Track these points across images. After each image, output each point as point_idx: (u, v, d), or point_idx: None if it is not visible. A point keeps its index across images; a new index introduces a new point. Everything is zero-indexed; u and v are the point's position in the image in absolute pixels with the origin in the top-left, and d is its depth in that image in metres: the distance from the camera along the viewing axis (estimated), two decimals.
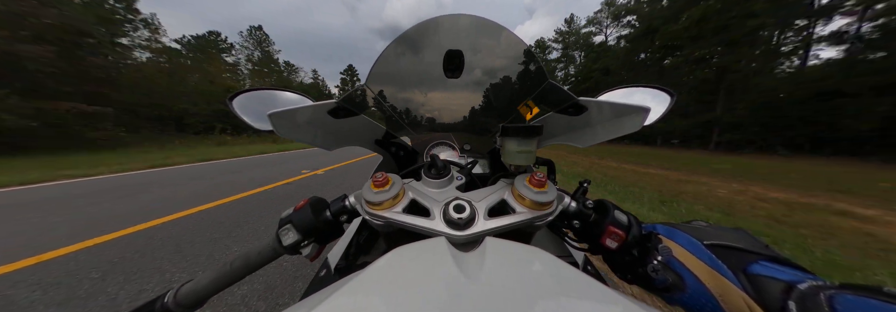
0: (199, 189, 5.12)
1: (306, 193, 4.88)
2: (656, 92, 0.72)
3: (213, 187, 5.33)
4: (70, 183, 5.78)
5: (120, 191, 5.01)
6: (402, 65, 0.60)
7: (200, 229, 3.10)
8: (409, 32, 0.55)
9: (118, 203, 4.18)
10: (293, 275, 2.15)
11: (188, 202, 4.15)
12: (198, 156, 11.19)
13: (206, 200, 4.28)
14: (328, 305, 0.23)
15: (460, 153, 0.84)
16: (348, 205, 0.52)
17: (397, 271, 0.29)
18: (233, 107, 0.67)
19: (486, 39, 0.58)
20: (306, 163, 9.40)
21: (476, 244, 0.38)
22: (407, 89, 0.67)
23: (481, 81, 0.65)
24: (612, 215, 0.47)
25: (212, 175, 6.79)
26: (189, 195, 4.68)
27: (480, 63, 0.61)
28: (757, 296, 0.32)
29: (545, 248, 0.34)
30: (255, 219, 3.45)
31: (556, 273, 0.29)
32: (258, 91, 0.73)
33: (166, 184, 5.67)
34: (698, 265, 0.38)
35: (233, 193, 4.76)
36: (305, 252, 0.50)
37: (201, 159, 10.39)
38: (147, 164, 8.51)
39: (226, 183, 5.72)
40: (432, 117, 0.75)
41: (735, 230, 0.43)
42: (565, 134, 0.66)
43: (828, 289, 0.28)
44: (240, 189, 5.04)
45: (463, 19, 0.54)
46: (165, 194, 4.77)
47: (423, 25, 0.55)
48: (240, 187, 5.28)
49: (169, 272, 2.20)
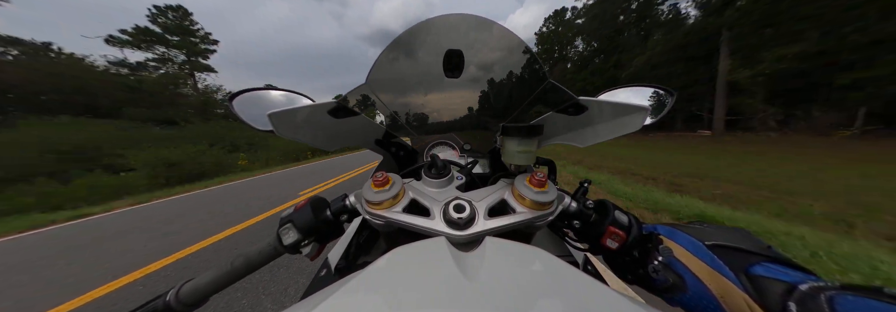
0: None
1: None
2: (657, 91, 0.72)
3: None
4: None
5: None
6: (401, 65, 0.60)
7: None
8: (407, 33, 0.55)
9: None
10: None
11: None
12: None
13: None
14: (328, 305, 0.23)
15: (460, 153, 0.84)
16: (348, 204, 0.52)
17: (397, 271, 0.29)
18: (233, 107, 0.67)
19: (486, 39, 0.58)
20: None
21: (476, 243, 0.38)
22: (407, 89, 0.67)
23: (481, 81, 0.65)
24: (612, 215, 0.47)
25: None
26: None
27: (480, 63, 0.61)
28: (758, 297, 0.32)
29: (545, 248, 0.34)
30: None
31: (557, 273, 0.29)
32: (258, 91, 0.73)
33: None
34: (699, 266, 0.38)
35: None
36: (306, 252, 0.50)
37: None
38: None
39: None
40: (432, 117, 0.75)
41: (736, 230, 0.43)
42: (565, 134, 0.66)
43: (829, 290, 0.28)
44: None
45: (462, 19, 0.54)
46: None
47: (423, 25, 0.55)
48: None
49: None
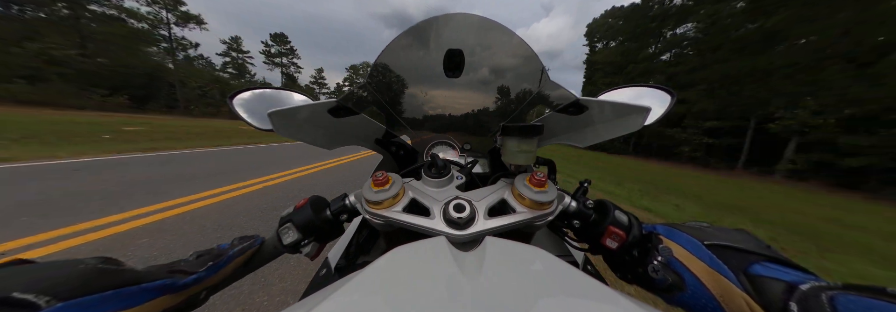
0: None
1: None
2: (657, 92, 0.72)
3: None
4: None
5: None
6: (402, 64, 0.60)
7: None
8: (408, 32, 0.55)
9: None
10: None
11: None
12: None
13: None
14: (328, 304, 0.23)
15: (460, 153, 0.84)
16: (348, 204, 0.52)
17: (397, 270, 0.29)
18: (233, 106, 0.67)
19: (487, 38, 0.58)
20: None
21: (476, 243, 0.38)
22: (407, 89, 0.67)
23: (482, 81, 0.65)
24: (612, 215, 0.47)
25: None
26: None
27: (481, 62, 0.61)
28: (758, 297, 0.32)
29: (545, 248, 0.34)
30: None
31: (556, 272, 0.29)
32: (258, 90, 0.73)
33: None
34: (699, 266, 0.38)
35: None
36: (305, 251, 0.50)
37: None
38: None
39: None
40: (432, 117, 0.75)
41: (736, 230, 0.43)
42: (566, 134, 0.66)
43: (830, 290, 0.28)
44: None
45: (463, 18, 0.54)
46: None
47: (423, 25, 0.54)
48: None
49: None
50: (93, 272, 0.29)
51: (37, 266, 0.28)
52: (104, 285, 0.28)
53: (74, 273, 0.28)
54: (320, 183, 5.16)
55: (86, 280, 0.28)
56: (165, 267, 0.38)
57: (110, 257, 0.34)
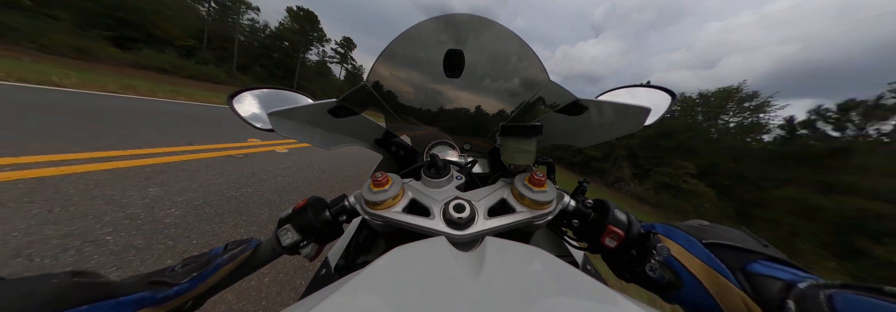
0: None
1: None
2: (656, 92, 0.72)
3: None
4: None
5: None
6: (402, 65, 0.60)
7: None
8: (409, 32, 0.55)
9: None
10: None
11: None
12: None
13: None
14: (328, 304, 0.23)
15: (460, 153, 0.84)
16: (348, 205, 0.52)
17: (397, 270, 0.29)
18: (233, 106, 0.67)
19: (487, 39, 0.58)
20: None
21: (476, 243, 0.38)
22: (407, 89, 0.67)
23: (481, 81, 0.65)
24: (611, 214, 0.47)
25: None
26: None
27: (481, 62, 0.61)
28: (755, 295, 0.32)
29: (545, 247, 0.34)
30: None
31: (556, 272, 0.29)
32: (258, 90, 0.73)
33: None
34: (696, 264, 0.38)
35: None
36: (305, 252, 0.50)
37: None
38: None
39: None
40: (432, 117, 0.75)
41: (734, 229, 0.43)
42: (565, 134, 0.66)
43: (828, 288, 0.28)
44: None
45: (464, 19, 0.54)
46: None
47: (424, 25, 0.55)
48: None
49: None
50: (67, 286, 0.29)
51: (7, 283, 0.28)
52: (78, 300, 0.28)
53: (48, 288, 0.27)
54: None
55: (59, 295, 0.27)
56: (145, 278, 0.37)
57: (86, 270, 0.33)
